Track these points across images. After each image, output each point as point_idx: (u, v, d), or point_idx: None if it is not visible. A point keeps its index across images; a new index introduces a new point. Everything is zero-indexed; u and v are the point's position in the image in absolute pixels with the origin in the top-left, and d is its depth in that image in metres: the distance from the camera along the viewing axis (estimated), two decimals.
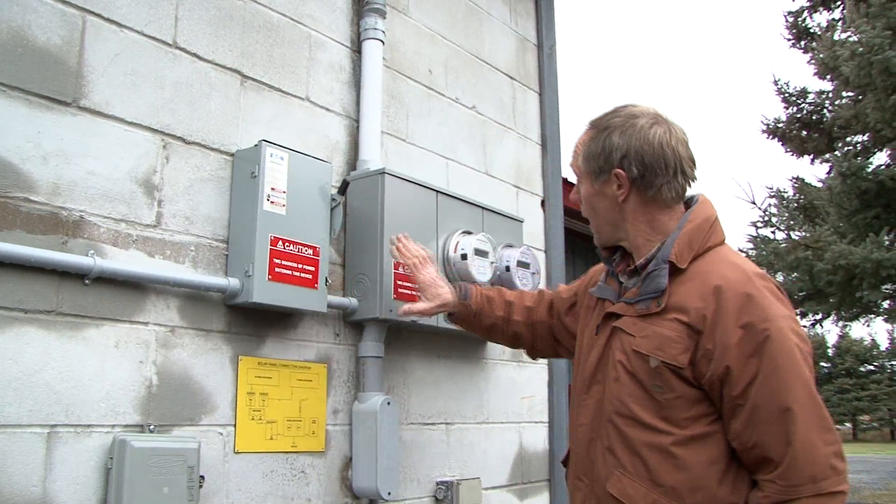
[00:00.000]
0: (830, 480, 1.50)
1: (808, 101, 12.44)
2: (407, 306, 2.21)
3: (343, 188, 2.36)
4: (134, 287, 1.94)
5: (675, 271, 1.66)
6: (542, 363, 3.40)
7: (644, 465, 1.61)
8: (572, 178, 1.87)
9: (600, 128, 1.74)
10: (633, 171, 1.69)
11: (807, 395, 1.53)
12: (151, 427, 1.91)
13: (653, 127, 1.70)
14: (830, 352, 46.62)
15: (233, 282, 2.06)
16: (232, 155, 2.21)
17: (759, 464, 1.56)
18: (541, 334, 2.15)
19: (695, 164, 1.74)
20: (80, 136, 1.89)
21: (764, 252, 10.91)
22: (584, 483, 1.73)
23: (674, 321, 1.62)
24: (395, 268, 2.39)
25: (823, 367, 46.13)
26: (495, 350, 3.12)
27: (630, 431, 1.63)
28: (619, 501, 1.62)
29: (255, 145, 2.15)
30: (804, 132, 12.45)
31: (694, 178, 1.74)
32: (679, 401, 1.60)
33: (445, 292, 2.20)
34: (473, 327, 2.24)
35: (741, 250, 11.77)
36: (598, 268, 1.97)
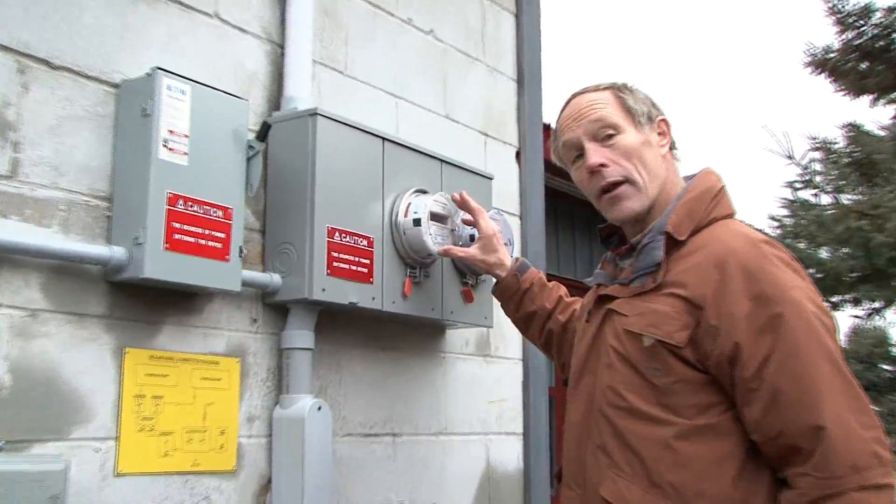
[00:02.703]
0: (876, 471, 1.59)
1: (872, 21, 11.29)
2: (451, 247, 2.56)
3: (263, 133, 2.34)
4: None
5: (673, 245, 1.84)
6: (515, 357, 3.45)
7: (641, 462, 1.74)
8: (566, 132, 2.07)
9: (617, 86, 2.02)
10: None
11: (836, 373, 1.65)
12: (1, 443, 1.85)
13: None
14: (894, 350, 47.00)
15: (117, 251, 2.04)
16: (116, 86, 2.17)
17: (788, 456, 1.66)
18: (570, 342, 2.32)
19: None
20: None
21: (804, 220, 10.63)
22: (575, 493, 1.88)
23: (670, 296, 1.78)
24: (330, 235, 2.41)
25: (886, 370, 46.51)
26: (456, 341, 3.14)
27: (625, 424, 1.78)
28: None
29: (148, 74, 2.12)
30: (864, 64, 11.01)
31: None
32: (681, 385, 1.74)
33: (503, 253, 2.50)
34: (513, 308, 2.49)
35: (773, 217, 11.47)
36: None
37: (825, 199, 11.29)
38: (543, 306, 2.42)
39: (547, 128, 3.74)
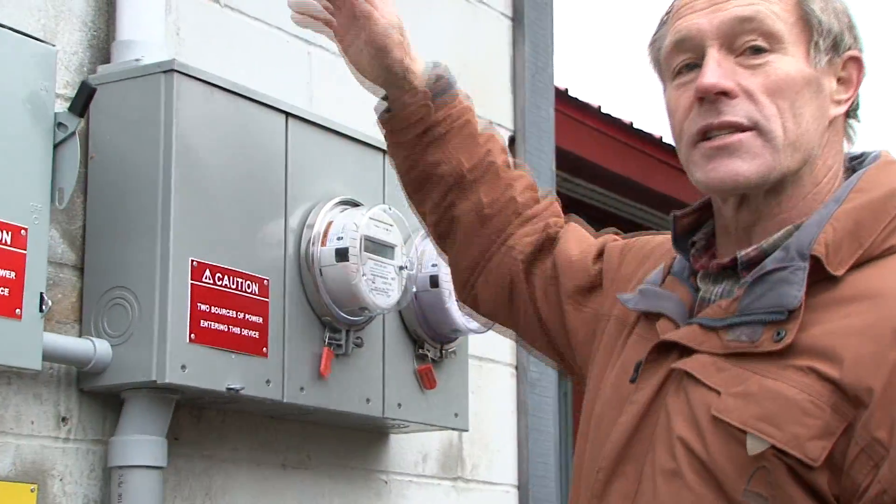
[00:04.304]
0: None
1: None
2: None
3: (83, 102, 2.37)
4: None
5: (821, 279, 1.77)
6: (506, 483, 3.51)
7: None
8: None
9: None
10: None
11: None
12: None
13: None
14: None
15: None
16: None
17: None
18: (502, 264, 2.33)
19: None
20: None
21: None
22: None
23: (807, 372, 1.71)
24: (196, 275, 2.45)
25: None
26: (407, 454, 3.22)
27: None
28: None
29: None
30: None
31: None
32: None
33: (400, 35, 2.35)
34: (404, 146, 2.41)
35: None
36: (655, 240, 2.19)
37: None
38: (459, 162, 2.37)
39: (563, 96, 3.80)
